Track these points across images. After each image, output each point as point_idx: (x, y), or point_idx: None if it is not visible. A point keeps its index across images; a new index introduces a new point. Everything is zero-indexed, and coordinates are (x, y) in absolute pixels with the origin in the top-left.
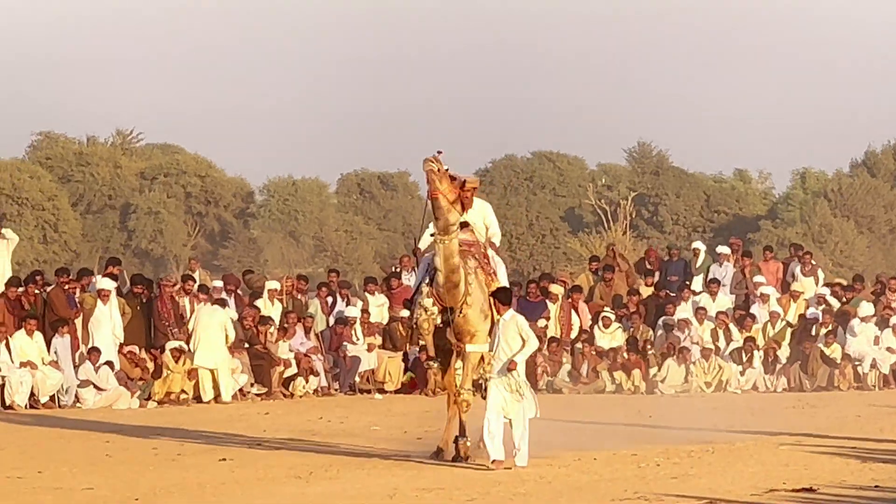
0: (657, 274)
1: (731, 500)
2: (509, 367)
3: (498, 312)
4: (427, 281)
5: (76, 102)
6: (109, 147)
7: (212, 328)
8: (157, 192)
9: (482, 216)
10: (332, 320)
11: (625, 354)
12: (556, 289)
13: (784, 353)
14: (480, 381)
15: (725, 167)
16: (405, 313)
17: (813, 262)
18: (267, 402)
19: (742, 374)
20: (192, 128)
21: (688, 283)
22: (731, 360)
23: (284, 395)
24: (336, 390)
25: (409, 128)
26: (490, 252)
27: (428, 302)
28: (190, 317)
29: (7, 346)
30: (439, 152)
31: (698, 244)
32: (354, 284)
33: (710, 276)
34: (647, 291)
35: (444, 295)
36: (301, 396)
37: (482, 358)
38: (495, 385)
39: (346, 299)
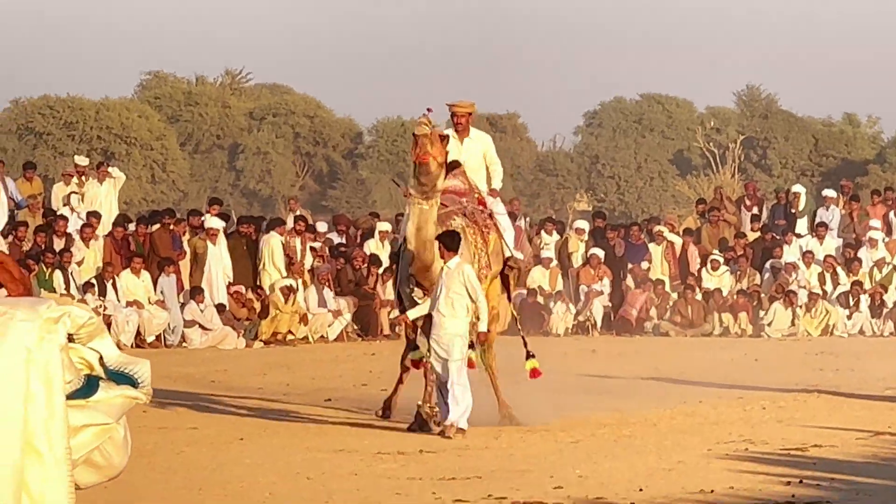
0: (763, 217)
1: (836, 444)
2: (480, 339)
3: (442, 258)
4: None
5: (185, 41)
6: (218, 87)
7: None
8: (266, 132)
9: (482, 149)
10: None
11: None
12: (661, 229)
13: (891, 297)
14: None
15: (834, 111)
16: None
17: None
18: (373, 342)
19: (849, 318)
20: (302, 68)
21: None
22: (837, 304)
23: (390, 336)
24: None
25: (519, 68)
26: (490, 200)
27: (418, 293)
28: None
29: (114, 285)
30: (429, 110)
31: (797, 188)
32: None
33: (817, 219)
34: (753, 235)
35: (416, 275)
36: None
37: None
38: (435, 344)
39: None
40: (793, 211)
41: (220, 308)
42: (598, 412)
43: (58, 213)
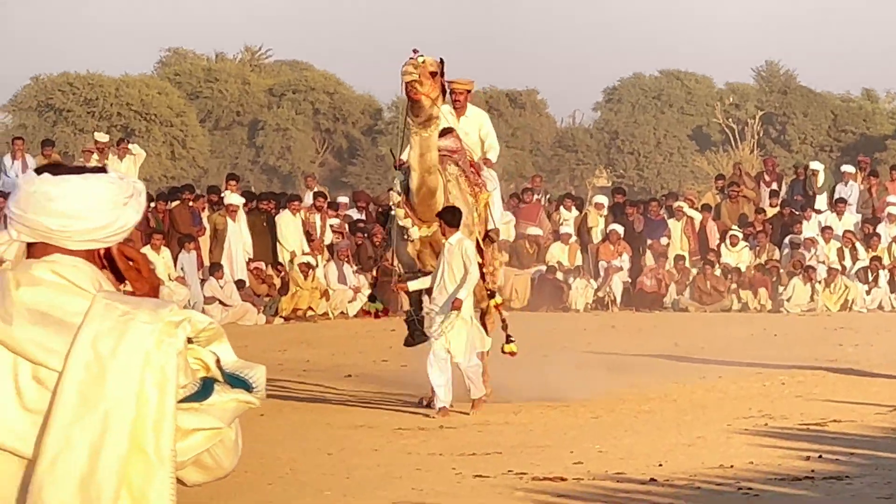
0: (783, 193)
1: (855, 419)
2: (453, 305)
3: (444, 235)
4: (398, 192)
5: (205, 18)
6: (238, 63)
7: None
8: (286, 108)
9: (477, 126)
10: None
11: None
12: (680, 204)
13: None
14: (413, 318)
15: (853, 86)
16: (533, 230)
17: None
18: (393, 318)
19: (868, 293)
20: (321, 44)
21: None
22: (856, 280)
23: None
24: None
25: (538, 45)
26: (485, 169)
27: (406, 221)
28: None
29: None
30: (415, 51)
31: (815, 164)
32: None
33: (836, 195)
34: (772, 210)
35: (418, 206)
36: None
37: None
38: (438, 321)
39: None
40: (811, 193)
41: (239, 284)
42: (618, 388)
43: None
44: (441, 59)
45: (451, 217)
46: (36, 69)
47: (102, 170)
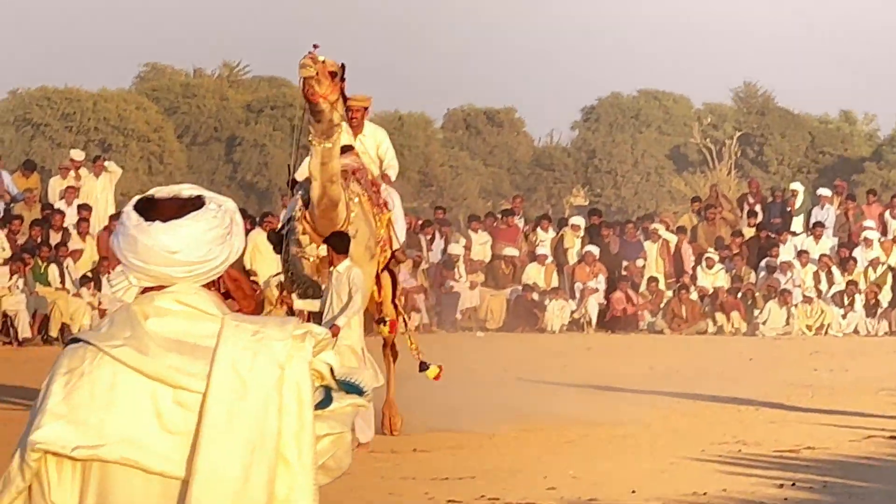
0: (760, 215)
1: (829, 446)
2: (332, 331)
3: (332, 263)
4: (299, 207)
5: (183, 34)
6: (216, 79)
7: None
8: (263, 124)
9: (374, 144)
10: (435, 258)
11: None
12: (656, 226)
13: (886, 296)
14: None
15: (831, 108)
16: (510, 251)
17: None
18: (367, 338)
19: (843, 317)
20: (299, 61)
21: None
22: (832, 304)
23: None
24: (437, 327)
25: (516, 64)
26: (385, 187)
27: (303, 238)
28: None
29: (109, 279)
30: (315, 46)
31: (796, 185)
32: (459, 221)
33: (813, 218)
34: (749, 233)
35: (319, 220)
36: (402, 333)
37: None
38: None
39: (444, 237)
40: (789, 209)
41: None
42: (593, 412)
43: (55, 206)
44: (342, 64)
45: (339, 243)
46: (13, 83)
47: (200, 200)
